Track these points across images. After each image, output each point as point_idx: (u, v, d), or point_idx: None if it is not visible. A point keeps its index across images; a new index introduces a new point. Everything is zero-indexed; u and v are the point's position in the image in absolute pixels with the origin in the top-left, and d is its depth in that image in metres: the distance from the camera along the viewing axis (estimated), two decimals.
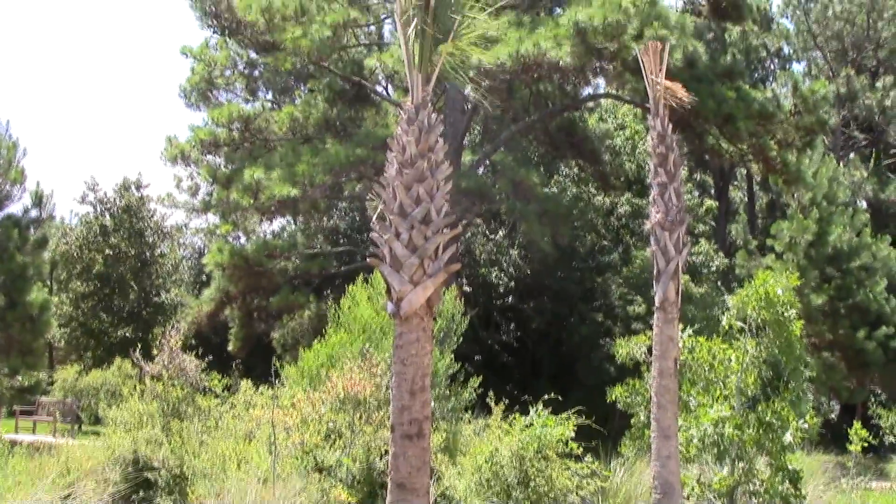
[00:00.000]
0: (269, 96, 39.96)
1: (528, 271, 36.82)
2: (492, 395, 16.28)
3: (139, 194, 38.12)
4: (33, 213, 25.39)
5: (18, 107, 78.65)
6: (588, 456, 14.38)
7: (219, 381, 17.31)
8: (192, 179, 43.14)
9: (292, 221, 38.91)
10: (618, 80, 27.60)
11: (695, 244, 36.59)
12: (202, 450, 14.96)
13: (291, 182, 26.35)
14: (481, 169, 33.10)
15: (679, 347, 12.50)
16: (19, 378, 26.64)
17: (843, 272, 29.28)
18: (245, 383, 16.92)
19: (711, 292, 33.65)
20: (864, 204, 38.51)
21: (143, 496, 14.19)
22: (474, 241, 37.17)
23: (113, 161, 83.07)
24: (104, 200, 37.91)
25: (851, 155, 42.55)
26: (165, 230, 39.48)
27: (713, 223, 43.62)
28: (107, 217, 37.56)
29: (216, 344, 32.18)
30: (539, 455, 13.63)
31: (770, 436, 13.93)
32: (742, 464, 14.22)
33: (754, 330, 14.54)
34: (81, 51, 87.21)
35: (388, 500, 8.86)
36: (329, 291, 34.35)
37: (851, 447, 17.45)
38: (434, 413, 15.72)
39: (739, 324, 14.68)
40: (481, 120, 34.24)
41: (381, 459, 13.74)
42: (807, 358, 17.02)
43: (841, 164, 35.30)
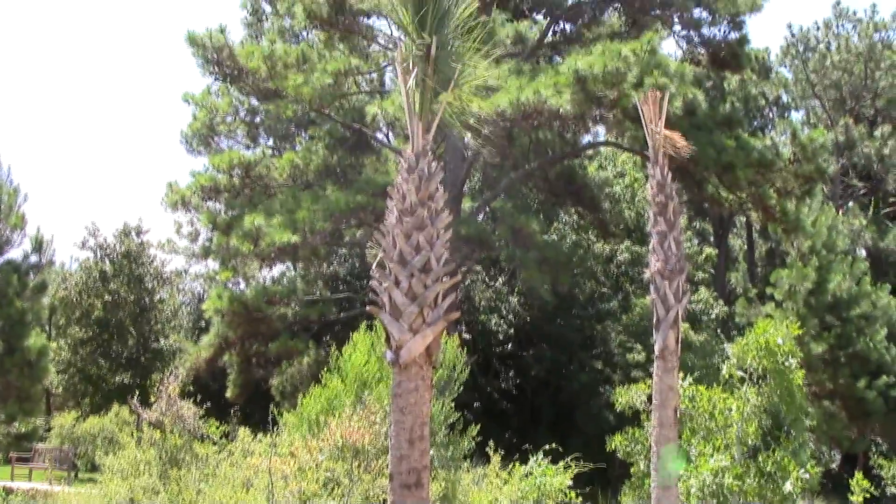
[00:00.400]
0: (270, 142, 40.13)
1: (528, 318, 36.77)
2: (492, 444, 16.20)
3: (139, 240, 38.13)
4: (33, 259, 25.40)
5: (20, 151, 79.03)
6: None
7: (217, 428, 17.22)
8: (193, 225, 43.19)
9: (292, 268, 38.88)
10: (617, 128, 27.72)
11: (694, 292, 36.55)
12: (199, 498, 14.84)
13: (291, 228, 26.35)
14: (481, 216, 33.16)
15: (679, 396, 12.45)
16: (16, 424, 26.52)
17: (843, 321, 29.19)
18: (243, 430, 16.82)
19: (711, 340, 33.58)
20: (864, 252, 38.53)
21: None
22: (474, 288, 37.15)
23: (114, 206, 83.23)
24: (104, 246, 37.90)
25: (850, 203, 42.65)
26: (165, 276, 39.43)
27: (712, 271, 43.61)
28: (106, 263, 37.54)
29: (214, 390, 32.03)
30: None
31: (771, 486, 13.86)
32: None
33: (755, 379, 14.51)
34: (84, 96, 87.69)
35: None
36: (328, 338, 34.25)
37: (853, 497, 17.34)
38: (433, 461, 15.63)
39: (740, 373, 14.65)
40: (481, 167, 34.35)
41: None
42: (807, 407, 16.96)
43: (840, 213, 35.35)
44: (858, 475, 17.52)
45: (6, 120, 79.90)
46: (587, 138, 32.15)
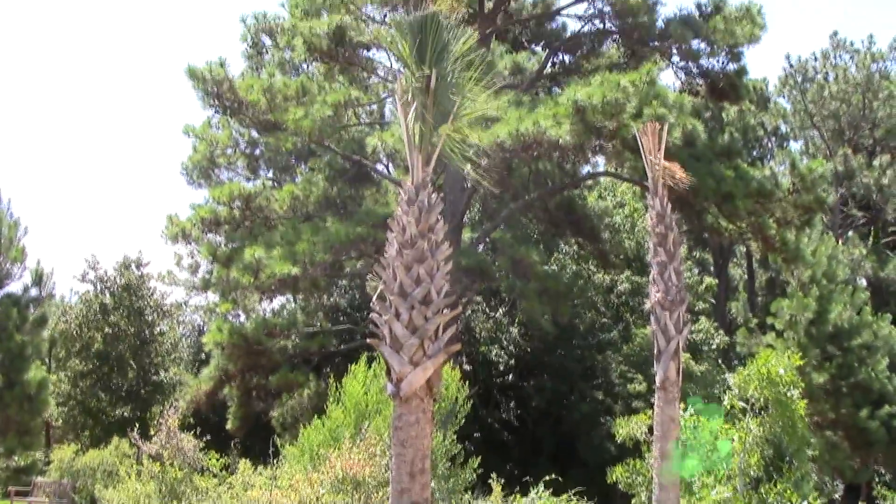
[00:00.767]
0: (271, 174, 40.14)
1: (528, 349, 36.71)
2: (493, 476, 16.14)
3: (139, 272, 38.10)
4: (33, 292, 25.41)
5: (20, 184, 79.12)
6: None
7: (217, 461, 17.17)
8: (193, 257, 43.10)
9: (292, 299, 38.82)
10: (617, 159, 27.78)
11: (695, 322, 36.51)
12: None
13: (292, 260, 26.34)
14: (481, 246, 33.16)
15: (680, 427, 12.42)
16: (15, 458, 26.42)
17: (845, 350, 29.14)
18: (243, 463, 16.78)
19: (712, 370, 33.51)
20: (864, 282, 38.48)
21: None
22: (474, 319, 37.10)
23: (114, 239, 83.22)
24: (104, 278, 37.86)
25: (850, 233, 42.64)
26: (165, 308, 39.37)
27: (713, 301, 43.57)
28: (107, 295, 37.49)
29: (215, 423, 31.93)
30: None
31: None
32: None
33: (757, 409, 14.47)
34: (84, 129, 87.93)
35: None
36: (329, 369, 34.17)
37: None
38: (434, 493, 15.56)
39: (741, 403, 14.62)
40: (481, 197, 34.39)
41: None
42: (810, 437, 16.90)
43: (840, 242, 35.36)
44: None
45: (7, 152, 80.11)
46: (587, 169, 32.24)
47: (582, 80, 25.30)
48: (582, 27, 30.49)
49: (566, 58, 31.77)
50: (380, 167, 34.02)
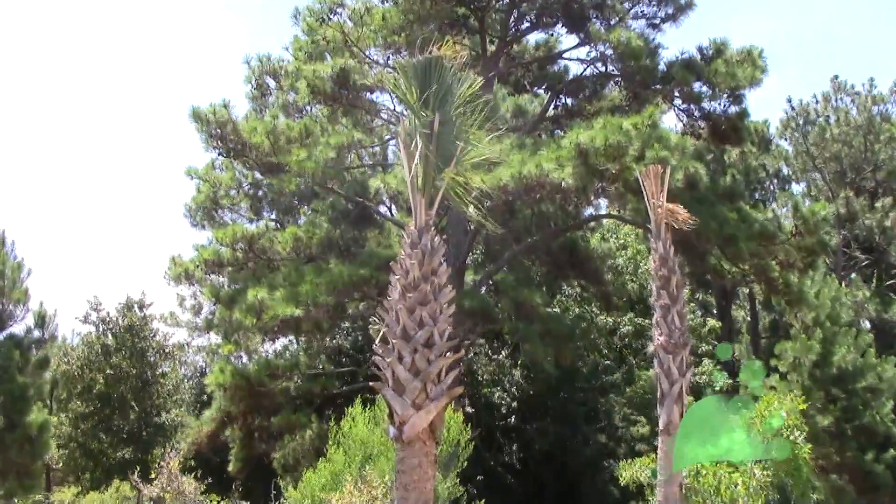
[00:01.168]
0: (273, 216, 40.21)
1: (531, 391, 36.60)
2: None
3: (142, 314, 38.10)
4: (36, 334, 25.36)
5: (22, 225, 79.26)
6: None
7: (218, 503, 17.10)
8: (196, 298, 43.15)
9: (295, 341, 38.76)
10: (619, 201, 27.79)
11: (698, 364, 36.41)
12: None
13: (294, 302, 26.32)
14: (484, 288, 33.13)
15: (684, 471, 12.34)
16: (16, 501, 26.26)
17: (849, 393, 29.01)
18: None
19: None
20: (868, 324, 38.39)
21: None
22: (477, 361, 37.00)
23: (116, 280, 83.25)
24: (106, 320, 37.87)
25: (853, 275, 42.60)
26: (167, 350, 39.33)
27: (716, 343, 43.45)
28: (109, 336, 37.47)
29: (216, 464, 31.80)
30: None
31: None
32: None
33: None
34: (88, 170, 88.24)
35: None
36: (331, 411, 34.05)
37: None
38: None
39: None
40: (484, 239, 34.39)
41: None
42: (814, 481, 16.81)
43: (843, 285, 35.30)
44: None
45: (9, 194, 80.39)
46: (589, 211, 32.22)
47: (584, 123, 25.36)
48: (584, 70, 30.64)
49: (569, 100, 31.90)
50: (383, 209, 34.09)
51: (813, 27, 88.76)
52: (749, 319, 45.98)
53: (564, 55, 31.52)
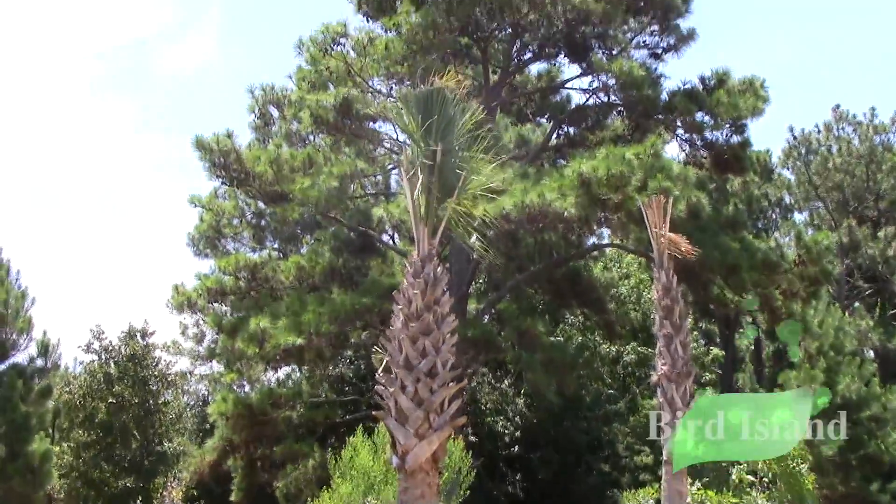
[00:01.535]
0: (276, 245, 40.25)
1: (534, 420, 36.50)
2: None
3: (144, 342, 38.03)
4: (39, 363, 25.29)
5: (25, 253, 79.31)
6: None
7: None
8: (198, 327, 43.12)
9: (297, 370, 38.71)
10: (622, 230, 27.83)
11: (701, 393, 36.26)
12: None
13: (297, 331, 26.32)
14: (486, 317, 33.11)
15: (688, 502, 12.31)
16: None
17: (854, 423, 28.91)
18: None
19: None
20: (872, 353, 38.30)
21: None
22: (479, 390, 36.93)
23: (119, 308, 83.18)
24: (109, 348, 37.79)
25: (856, 304, 42.57)
26: (170, 378, 39.24)
27: (720, 371, 43.38)
28: (111, 365, 37.39)
29: (218, 494, 31.70)
30: None
31: None
32: None
33: (765, 483, 14.35)
34: (90, 199, 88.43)
35: None
36: (333, 440, 33.97)
37: None
38: None
39: (749, 477, 14.51)
40: (486, 268, 34.41)
41: None
42: None
43: (846, 314, 35.25)
44: None
45: (14, 222, 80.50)
46: (592, 240, 32.22)
47: (587, 153, 25.42)
48: (587, 100, 30.74)
49: (571, 130, 31.96)
50: (385, 238, 34.12)
51: (814, 56, 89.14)
52: (752, 348, 45.90)
53: (567, 85, 31.67)
